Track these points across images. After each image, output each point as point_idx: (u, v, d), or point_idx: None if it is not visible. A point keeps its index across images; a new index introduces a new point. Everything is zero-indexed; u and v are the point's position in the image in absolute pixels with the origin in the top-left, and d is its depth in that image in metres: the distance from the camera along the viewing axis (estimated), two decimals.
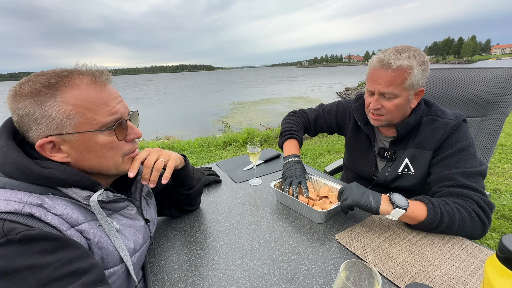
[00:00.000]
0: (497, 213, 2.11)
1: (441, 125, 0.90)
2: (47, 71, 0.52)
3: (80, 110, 0.51)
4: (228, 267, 0.70)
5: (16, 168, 0.48)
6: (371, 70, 0.91)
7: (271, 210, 0.97)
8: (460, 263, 0.67)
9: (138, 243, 0.63)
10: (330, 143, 4.23)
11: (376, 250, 0.72)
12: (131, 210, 0.65)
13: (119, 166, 0.60)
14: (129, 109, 0.62)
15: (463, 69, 1.32)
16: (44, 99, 0.49)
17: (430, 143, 0.91)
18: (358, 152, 1.16)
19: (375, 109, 0.93)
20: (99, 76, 0.56)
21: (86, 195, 0.53)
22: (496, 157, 3.15)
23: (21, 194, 0.47)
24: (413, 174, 0.97)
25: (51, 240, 0.44)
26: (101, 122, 0.54)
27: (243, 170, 1.34)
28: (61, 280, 0.42)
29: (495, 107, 1.20)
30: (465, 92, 1.25)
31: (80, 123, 0.52)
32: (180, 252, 0.77)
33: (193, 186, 0.88)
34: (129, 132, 0.60)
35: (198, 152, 4.14)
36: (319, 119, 1.28)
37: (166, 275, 0.69)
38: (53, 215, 0.47)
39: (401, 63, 0.83)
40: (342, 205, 0.81)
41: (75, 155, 0.54)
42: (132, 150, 0.63)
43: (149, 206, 0.77)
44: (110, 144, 0.56)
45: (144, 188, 0.76)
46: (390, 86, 0.86)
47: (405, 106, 0.91)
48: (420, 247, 0.73)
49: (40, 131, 0.50)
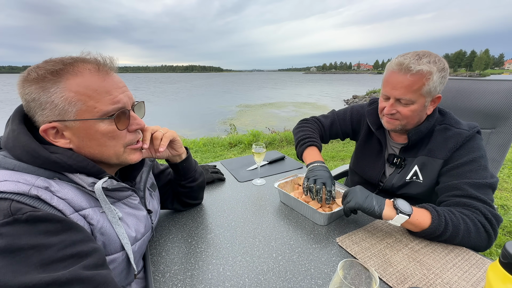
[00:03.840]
0: (504, 229, 2.06)
1: (454, 134, 0.89)
2: (54, 58, 0.53)
3: (82, 98, 0.51)
4: (227, 263, 0.70)
5: (25, 151, 0.50)
6: (389, 73, 0.89)
7: (273, 210, 0.97)
8: (463, 274, 0.65)
9: (140, 232, 0.64)
10: (335, 149, 4.21)
11: (377, 255, 0.72)
12: (134, 199, 0.66)
13: (120, 155, 0.59)
14: (133, 99, 0.62)
15: (474, 80, 1.30)
16: (48, 85, 0.50)
17: (441, 152, 0.90)
18: (368, 156, 1.14)
19: (390, 114, 0.92)
20: (103, 64, 0.56)
21: (91, 181, 0.54)
22: (506, 172, 3.08)
23: (29, 176, 0.48)
24: (421, 182, 0.96)
25: (56, 222, 0.45)
26: (102, 111, 0.53)
27: (247, 170, 1.35)
28: (63, 261, 0.43)
29: (505, 120, 1.18)
30: (475, 104, 1.24)
31: (81, 110, 0.52)
32: (181, 246, 0.78)
33: (196, 179, 0.90)
34: (132, 122, 0.60)
35: (203, 151, 4.16)
36: (334, 125, 1.24)
37: (166, 267, 0.70)
38: (59, 198, 0.49)
39: (421, 68, 0.81)
40: (345, 207, 0.80)
41: (77, 141, 0.54)
42: (135, 140, 0.62)
43: (153, 198, 0.78)
44: (110, 133, 0.55)
45: (148, 180, 0.77)
46: (408, 92, 0.84)
47: (421, 112, 0.89)
48: (422, 255, 0.72)
49: (44, 116, 0.51)
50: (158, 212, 0.80)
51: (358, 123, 1.20)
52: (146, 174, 0.73)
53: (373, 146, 1.13)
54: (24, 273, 0.38)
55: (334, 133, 1.25)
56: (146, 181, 0.72)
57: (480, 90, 1.24)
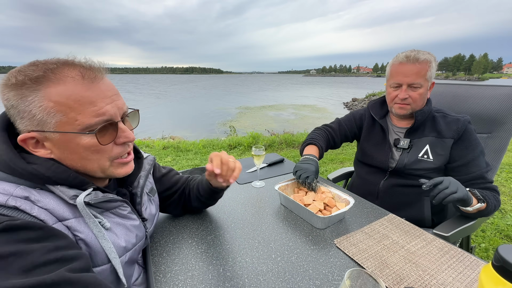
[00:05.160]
0: (501, 232, 2.07)
1: (453, 120, 1.08)
2: (38, 62, 0.48)
3: (62, 109, 0.46)
4: (227, 263, 0.72)
5: (3, 161, 0.47)
6: (397, 65, 1.08)
7: (272, 212, 0.99)
8: (457, 275, 0.67)
9: (130, 242, 0.60)
10: (334, 152, 4.23)
11: (374, 257, 0.73)
12: (124, 209, 0.61)
13: (105, 169, 0.55)
14: (125, 109, 0.56)
15: (470, 85, 1.33)
16: (26, 92, 0.45)
17: (448, 133, 1.07)
18: (374, 144, 1.25)
19: (403, 99, 1.08)
20: (89, 71, 0.50)
21: (73, 194, 0.50)
22: (503, 176, 3.11)
23: (8, 185, 0.45)
24: (431, 161, 1.09)
25: (37, 229, 0.42)
26: (83, 124, 0.48)
27: (246, 172, 1.36)
28: (47, 266, 0.40)
29: (501, 125, 1.20)
30: (472, 108, 1.26)
31: (61, 122, 0.47)
32: (182, 246, 0.79)
33: (219, 198, 0.93)
34: (119, 135, 0.54)
35: (202, 153, 4.18)
36: (341, 126, 1.38)
37: (167, 267, 0.71)
38: (40, 208, 0.46)
39: (426, 57, 1.03)
40: (449, 197, 0.85)
41: (58, 153, 0.50)
42: (123, 153, 0.57)
43: (151, 203, 0.76)
44: (93, 147, 0.50)
45: (147, 184, 0.75)
46: (418, 77, 1.04)
47: (425, 95, 1.08)
48: (418, 256, 0.74)
49: (23, 125, 0.48)
50: (156, 218, 0.78)
51: (360, 119, 1.35)
52: (144, 179, 0.70)
53: (376, 134, 1.25)
54: (5, 279, 0.36)
55: (343, 133, 1.37)
56: (144, 186, 0.70)
57: (477, 95, 1.26)
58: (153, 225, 0.75)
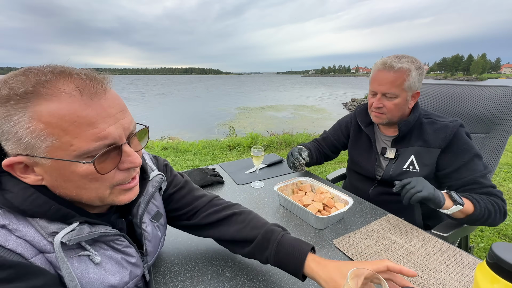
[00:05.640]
0: (499, 232, 2.08)
1: (442, 126, 1.01)
2: (29, 70, 0.40)
3: (54, 131, 0.38)
4: (227, 264, 0.72)
5: None
6: (375, 72, 1.03)
7: (271, 213, 0.99)
8: (455, 274, 0.67)
9: (123, 281, 0.52)
10: None
11: (373, 257, 0.74)
12: (118, 244, 0.53)
13: (105, 198, 0.47)
14: (131, 128, 0.47)
15: (468, 85, 1.33)
16: (12, 110, 0.37)
17: (435, 142, 1.01)
18: (361, 153, 1.23)
19: (377, 108, 1.04)
20: (89, 85, 0.41)
21: (53, 230, 0.43)
22: (502, 176, 3.12)
23: None
24: (418, 172, 1.04)
25: (7, 268, 0.37)
26: (80, 149, 0.40)
27: (245, 172, 1.36)
28: None
29: (499, 124, 1.21)
30: (469, 108, 1.27)
31: (53, 146, 0.39)
32: (181, 247, 0.79)
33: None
34: (124, 160, 0.45)
35: (201, 154, 4.18)
36: (328, 138, 1.37)
37: (167, 268, 0.71)
38: (18, 238, 0.40)
39: (402, 66, 0.95)
40: (414, 197, 0.83)
41: (50, 180, 0.42)
42: (128, 179, 0.48)
43: (157, 229, 0.65)
44: (91, 175, 0.42)
45: (152, 208, 0.64)
46: (392, 87, 0.98)
47: (404, 106, 1.02)
48: (417, 256, 0.74)
49: (9, 148, 0.40)
50: (160, 245, 0.67)
51: (346, 127, 1.32)
52: (144, 206, 0.59)
53: (363, 142, 1.22)
54: None
55: (332, 144, 1.36)
56: (143, 215, 0.59)
57: (474, 95, 1.27)
58: (155, 256, 0.65)
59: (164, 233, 0.70)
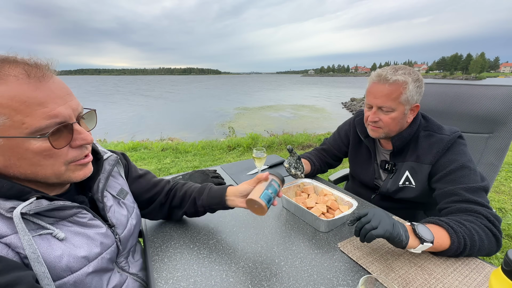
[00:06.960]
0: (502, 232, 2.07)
1: (437, 140, 0.94)
2: None
3: (5, 111, 0.41)
4: (230, 269, 0.71)
5: None
6: (370, 84, 0.97)
7: (274, 215, 0.98)
8: (463, 278, 0.66)
9: (93, 252, 0.54)
10: None
11: (379, 260, 0.72)
12: (82, 217, 0.55)
13: (61, 175, 0.50)
14: (79, 109, 0.51)
15: (471, 85, 1.32)
16: None
17: (427, 157, 0.95)
18: (360, 163, 1.21)
19: (373, 122, 0.99)
20: (35, 69, 0.45)
21: (10, 206, 0.44)
22: (503, 175, 3.11)
23: None
24: (414, 187, 1.01)
25: None
26: (32, 127, 0.43)
27: (247, 174, 1.35)
28: None
29: (503, 124, 1.20)
30: (473, 108, 1.26)
31: (5, 126, 0.42)
32: (183, 252, 0.78)
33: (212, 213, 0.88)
34: (76, 137, 0.49)
35: (201, 155, 4.16)
36: (329, 148, 1.33)
37: (169, 273, 0.69)
38: None
39: (397, 78, 0.89)
40: (368, 235, 0.68)
41: (3, 160, 0.45)
42: (81, 156, 0.52)
43: (121, 206, 0.69)
44: (46, 151, 0.45)
45: (114, 186, 0.69)
46: (387, 100, 0.92)
47: (402, 120, 0.96)
48: (423, 259, 0.73)
49: None
50: (128, 221, 0.70)
51: (346, 136, 1.27)
52: (104, 181, 0.63)
53: (363, 153, 1.19)
54: None
55: (331, 153, 1.33)
56: (104, 189, 0.63)
57: (478, 95, 1.26)
58: (126, 229, 0.67)
59: (132, 212, 0.73)
